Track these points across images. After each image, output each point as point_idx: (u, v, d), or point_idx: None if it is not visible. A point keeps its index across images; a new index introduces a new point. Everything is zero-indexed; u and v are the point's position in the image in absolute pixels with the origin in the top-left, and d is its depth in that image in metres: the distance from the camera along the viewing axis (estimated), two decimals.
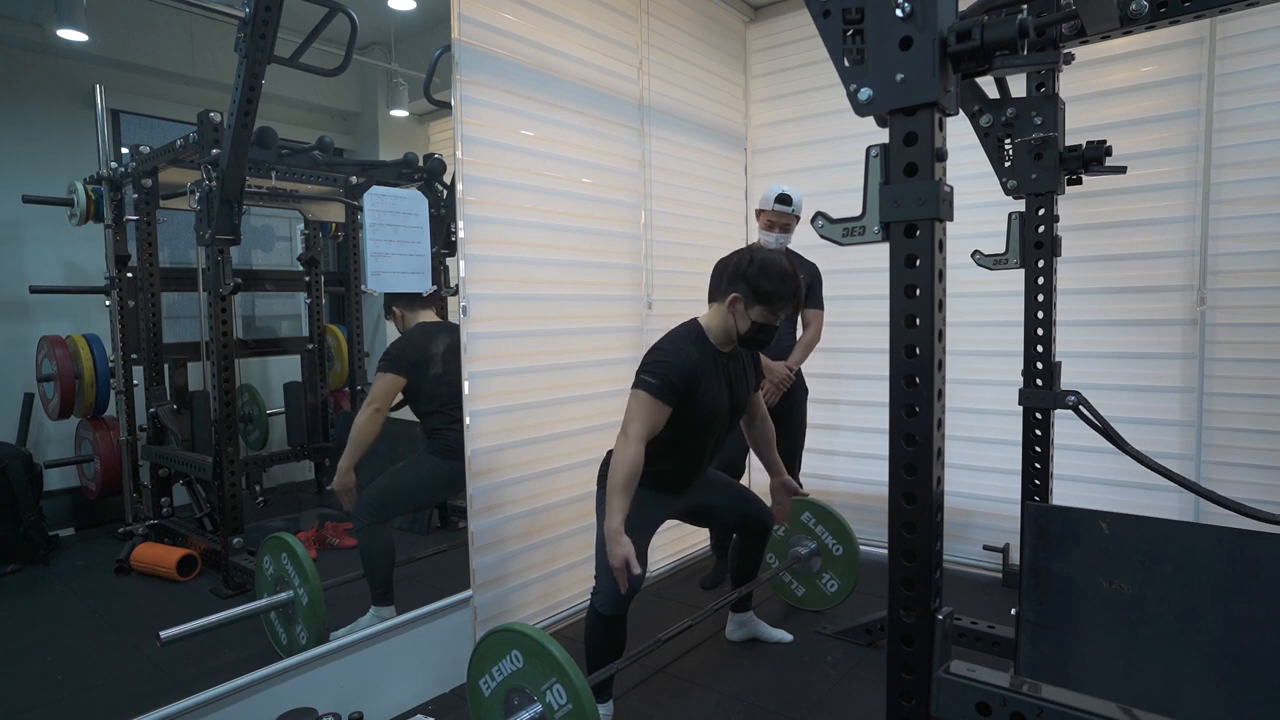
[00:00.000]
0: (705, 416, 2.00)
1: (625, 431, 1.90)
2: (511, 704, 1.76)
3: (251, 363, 4.84)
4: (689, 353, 1.95)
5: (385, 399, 2.53)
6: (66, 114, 4.03)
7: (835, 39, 1.08)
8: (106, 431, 3.86)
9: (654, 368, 1.91)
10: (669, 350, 1.95)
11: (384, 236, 2.38)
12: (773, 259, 1.98)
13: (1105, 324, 2.93)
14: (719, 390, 2.02)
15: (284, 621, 2.38)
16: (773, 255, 2.01)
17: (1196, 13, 1.60)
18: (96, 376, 3.77)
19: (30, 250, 3.99)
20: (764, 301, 1.94)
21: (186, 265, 4.27)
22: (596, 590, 2.03)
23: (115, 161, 3.75)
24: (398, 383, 2.54)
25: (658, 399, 1.89)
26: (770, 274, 1.94)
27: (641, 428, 1.89)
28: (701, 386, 1.95)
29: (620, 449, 1.89)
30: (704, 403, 1.97)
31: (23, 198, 3.73)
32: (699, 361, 1.95)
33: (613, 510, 1.85)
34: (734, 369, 2.09)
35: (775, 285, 1.93)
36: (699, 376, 1.94)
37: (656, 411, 1.90)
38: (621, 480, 1.85)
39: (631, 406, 1.92)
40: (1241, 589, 1.43)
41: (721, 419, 2.06)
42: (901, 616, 1.11)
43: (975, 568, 3.23)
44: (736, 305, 1.97)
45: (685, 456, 2.07)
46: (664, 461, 2.00)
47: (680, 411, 1.94)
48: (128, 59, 4.23)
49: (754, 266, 1.95)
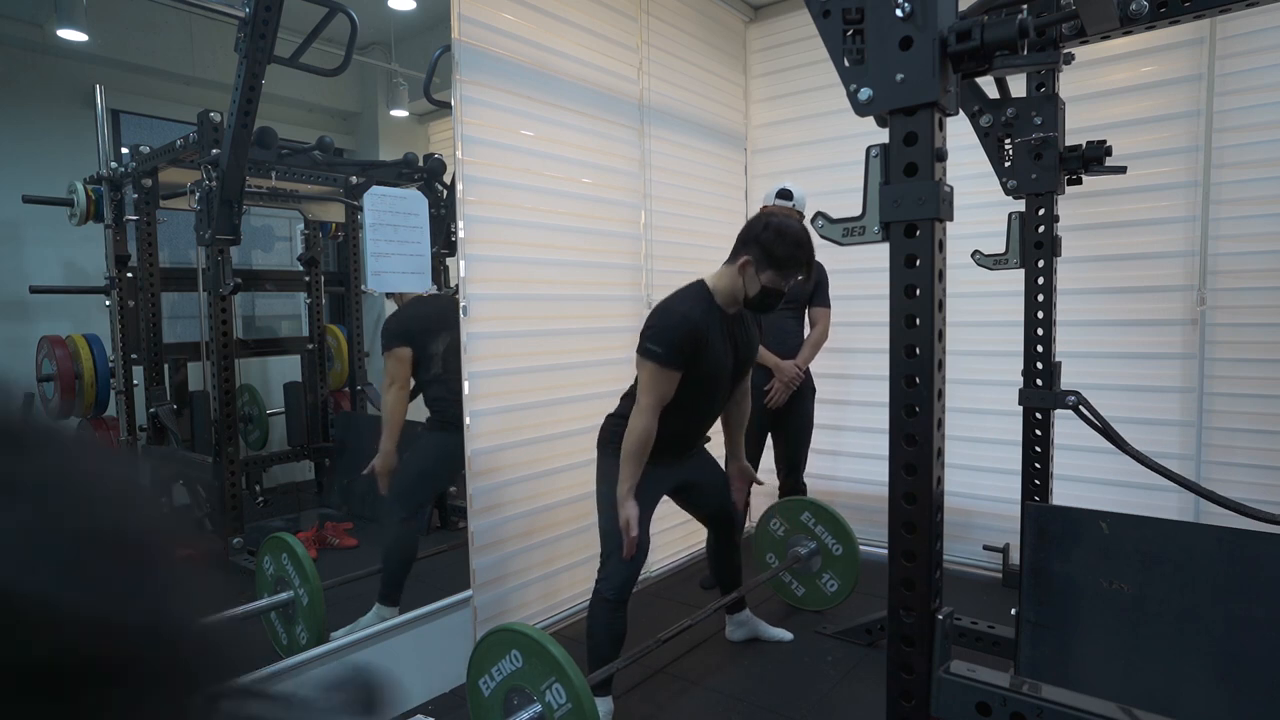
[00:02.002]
0: (710, 376, 2.01)
1: (640, 402, 1.93)
2: (511, 704, 1.76)
3: (251, 363, 4.83)
4: (692, 315, 1.95)
5: (401, 374, 2.54)
6: (66, 114, 4.03)
7: (835, 39, 1.08)
8: (106, 432, 3.86)
9: (658, 335, 1.92)
10: (672, 313, 1.96)
11: (384, 236, 2.38)
12: (789, 224, 1.96)
13: (1105, 324, 2.93)
14: (723, 351, 2.02)
15: (284, 621, 2.38)
16: (789, 221, 1.98)
17: (1196, 13, 1.60)
18: (96, 376, 3.76)
19: (30, 250, 3.99)
20: (775, 266, 1.94)
21: (186, 265, 4.26)
22: (603, 575, 2.05)
23: (115, 161, 3.74)
24: (405, 354, 2.54)
25: (665, 367, 1.91)
26: (785, 239, 1.93)
27: (653, 398, 1.92)
28: (706, 347, 1.96)
29: (636, 419, 1.93)
30: (708, 363, 1.98)
31: (23, 198, 3.73)
32: (702, 322, 1.95)
33: (624, 476, 1.93)
34: (738, 331, 2.08)
35: (789, 251, 1.93)
36: (703, 338, 1.94)
37: (666, 380, 1.92)
38: (635, 449, 1.92)
39: (641, 377, 1.95)
40: (1241, 589, 1.43)
41: (725, 380, 2.06)
42: (901, 616, 1.11)
43: (975, 568, 3.23)
44: (748, 269, 1.96)
45: (688, 418, 2.07)
46: (668, 424, 2.01)
47: (685, 373, 1.96)
48: (128, 59, 4.23)
49: (769, 231, 1.95)
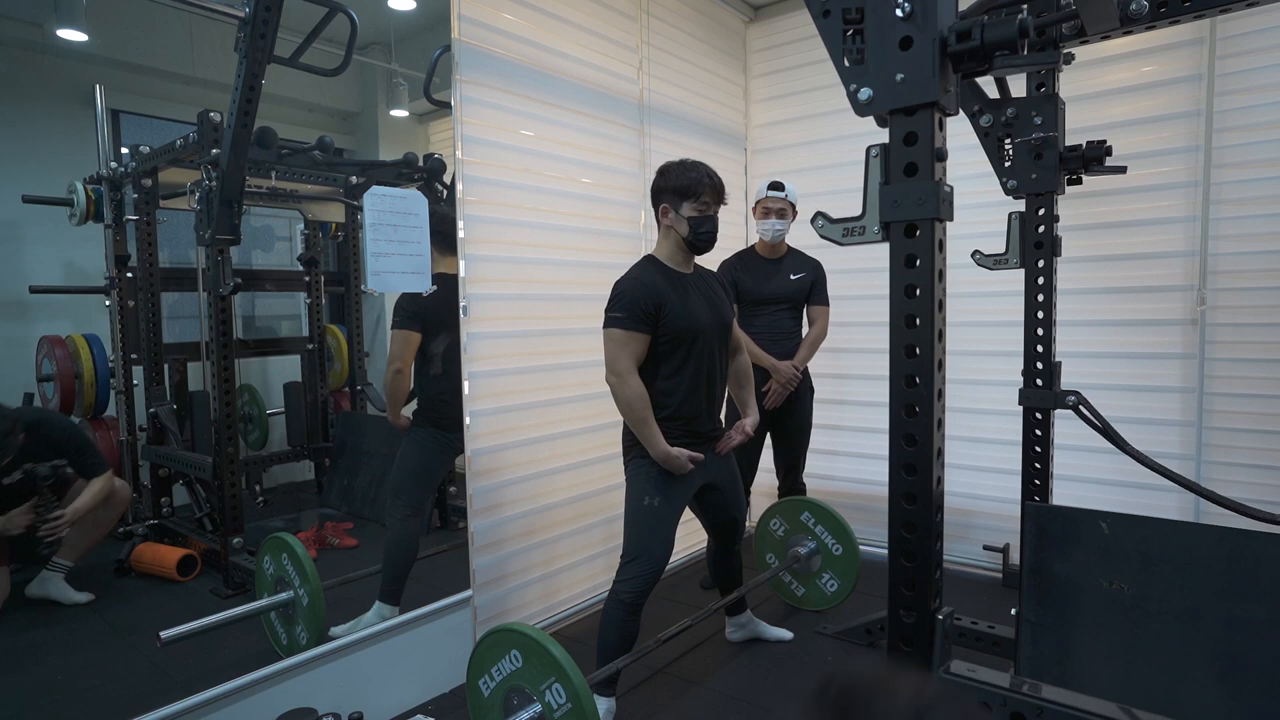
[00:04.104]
0: (691, 329, 2.01)
1: (614, 371, 1.96)
2: (511, 704, 1.76)
3: (251, 363, 4.83)
4: (644, 279, 2.00)
5: (404, 357, 2.52)
6: (66, 114, 4.03)
7: (835, 39, 1.08)
8: (106, 431, 3.86)
9: (615, 303, 1.97)
10: (623, 281, 2.01)
11: (384, 236, 2.38)
12: (671, 161, 2.06)
13: (1105, 324, 2.93)
14: (696, 303, 2.05)
15: (284, 621, 2.38)
16: (672, 161, 2.07)
17: (1196, 13, 1.60)
18: (96, 376, 3.76)
19: (30, 250, 3.99)
20: (687, 196, 2.01)
21: (186, 265, 4.26)
22: (623, 578, 2.04)
23: (115, 161, 3.74)
24: (413, 339, 2.52)
25: (629, 330, 1.94)
26: (679, 169, 2.03)
27: (627, 361, 1.95)
28: (670, 303, 1.98)
29: (617, 388, 1.96)
30: (682, 317, 2.00)
31: (23, 198, 3.73)
32: (653, 283, 1.99)
33: (651, 439, 1.96)
34: (701, 286, 2.12)
35: (688, 176, 2.01)
36: (660, 295, 1.98)
37: (633, 341, 1.95)
38: (639, 414, 1.95)
39: (609, 348, 1.97)
40: (1241, 589, 1.43)
41: (708, 334, 2.06)
42: (901, 616, 1.11)
43: (975, 568, 3.23)
44: (668, 214, 2.04)
45: (689, 384, 2.05)
46: (672, 399, 2.02)
47: (664, 335, 1.98)
48: (128, 59, 4.23)
49: (662, 177, 2.05)
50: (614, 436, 2.95)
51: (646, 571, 2.02)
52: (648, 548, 2.03)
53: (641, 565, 2.02)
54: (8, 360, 3.91)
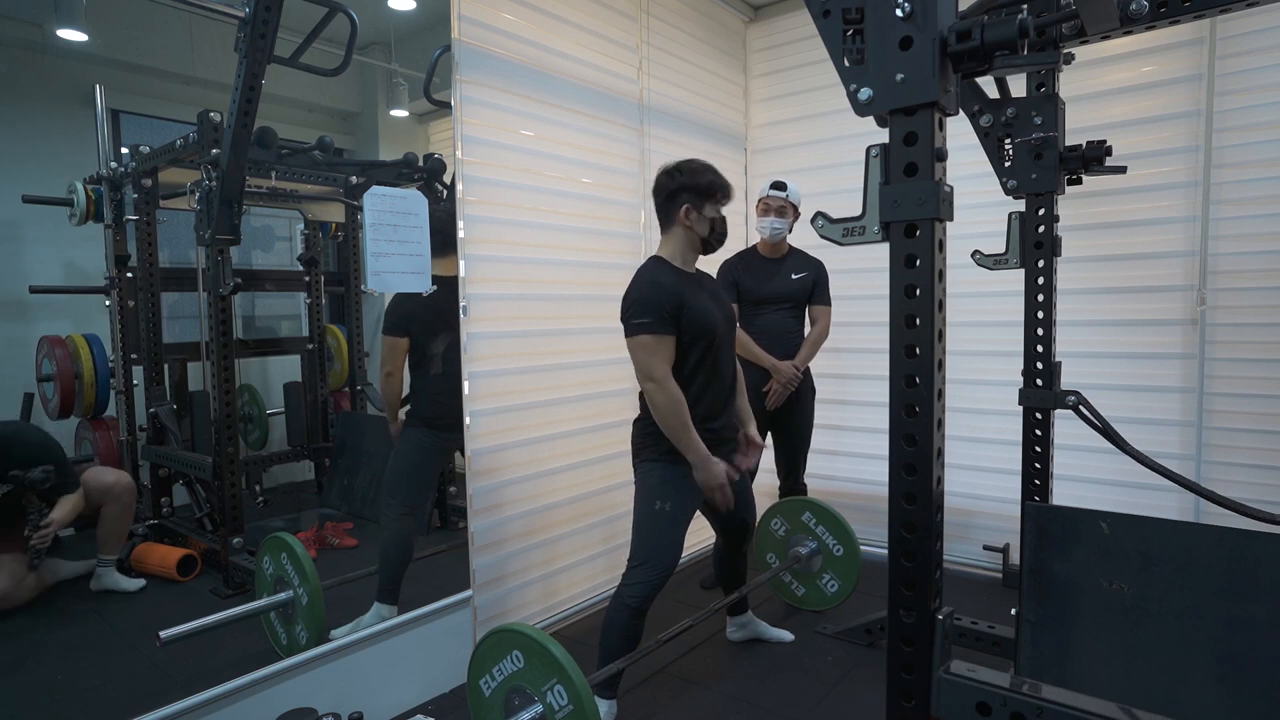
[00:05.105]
0: (708, 327, 2.02)
1: (651, 378, 1.94)
2: (512, 704, 1.76)
3: (251, 363, 4.84)
4: (661, 280, 1.99)
5: (393, 361, 2.57)
6: (66, 114, 4.03)
7: (835, 39, 1.08)
8: (106, 431, 3.86)
9: (639, 308, 1.95)
10: (641, 285, 2.00)
11: (384, 236, 2.38)
12: (687, 160, 2.07)
13: (1105, 324, 2.93)
14: (706, 302, 2.06)
15: (284, 621, 2.38)
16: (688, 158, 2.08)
17: (1196, 13, 1.60)
18: (96, 376, 3.76)
19: (30, 250, 3.99)
20: (709, 197, 2.03)
21: (186, 265, 4.26)
22: (630, 581, 2.02)
23: (115, 161, 3.74)
24: (400, 344, 2.55)
25: (659, 334, 1.94)
26: (701, 170, 2.03)
27: (662, 366, 1.94)
28: (689, 302, 1.99)
29: (657, 395, 1.94)
30: (698, 316, 2.00)
31: (23, 198, 3.73)
32: (674, 283, 1.99)
33: (690, 445, 1.95)
34: (706, 285, 2.14)
35: (709, 177, 2.03)
36: (680, 295, 1.98)
37: (663, 345, 1.95)
38: (681, 419, 1.94)
39: (640, 356, 1.95)
40: (1241, 589, 1.43)
41: (720, 329, 2.08)
42: (901, 616, 1.11)
43: (975, 568, 3.23)
44: (691, 214, 2.03)
45: (707, 378, 2.05)
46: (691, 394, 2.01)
47: (684, 334, 1.98)
48: (128, 59, 4.23)
49: (683, 175, 2.03)
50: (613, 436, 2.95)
51: (655, 576, 2.00)
52: (657, 553, 2.02)
53: (650, 570, 2.00)
54: (8, 360, 3.91)
